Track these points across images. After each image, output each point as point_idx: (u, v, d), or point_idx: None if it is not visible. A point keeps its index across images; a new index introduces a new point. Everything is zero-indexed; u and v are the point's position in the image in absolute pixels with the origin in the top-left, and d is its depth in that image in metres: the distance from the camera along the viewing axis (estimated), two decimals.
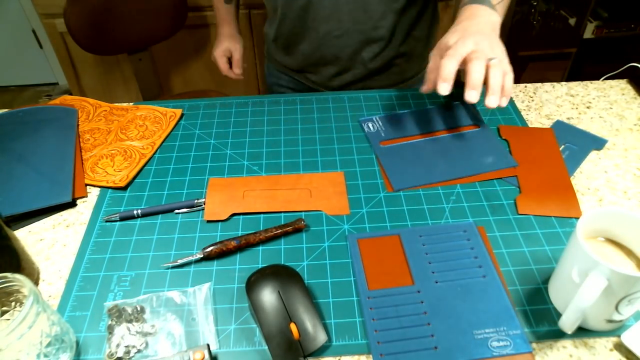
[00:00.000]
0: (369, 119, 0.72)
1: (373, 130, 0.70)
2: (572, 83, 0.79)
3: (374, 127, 0.70)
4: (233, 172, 0.65)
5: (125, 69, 1.70)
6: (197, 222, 0.58)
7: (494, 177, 0.62)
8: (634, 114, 0.72)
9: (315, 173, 0.64)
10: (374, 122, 0.71)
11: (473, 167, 0.64)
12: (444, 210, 0.58)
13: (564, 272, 0.46)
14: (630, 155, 0.65)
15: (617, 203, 0.59)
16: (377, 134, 0.69)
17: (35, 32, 2.11)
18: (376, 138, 0.69)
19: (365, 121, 0.71)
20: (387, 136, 0.69)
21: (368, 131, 0.70)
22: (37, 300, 0.40)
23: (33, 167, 0.65)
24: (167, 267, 0.53)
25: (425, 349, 0.45)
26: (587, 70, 1.86)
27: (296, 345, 0.45)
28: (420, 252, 0.53)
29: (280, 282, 0.48)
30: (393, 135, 0.69)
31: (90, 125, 0.72)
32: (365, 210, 0.59)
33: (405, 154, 0.66)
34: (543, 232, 0.56)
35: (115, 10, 1.32)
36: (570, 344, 0.46)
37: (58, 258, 0.55)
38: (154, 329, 0.48)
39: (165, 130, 0.71)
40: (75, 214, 0.60)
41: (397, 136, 0.69)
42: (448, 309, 0.48)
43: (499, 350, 0.45)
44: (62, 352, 0.44)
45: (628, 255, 0.46)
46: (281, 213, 0.59)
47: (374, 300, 0.49)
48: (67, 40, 1.60)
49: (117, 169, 0.65)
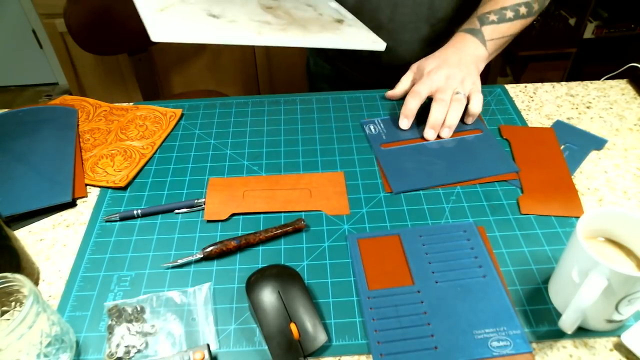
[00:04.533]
0: (371, 121, 0.72)
1: (374, 133, 0.70)
2: (572, 83, 0.79)
3: (375, 129, 0.70)
4: (233, 172, 0.65)
5: (125, 69, 1.70)
6: (197, 222, 0.58)
7: (494, 181, 0.62)
8: (634, 114, 0.72)
9: (315, 173, 0.64)
10: (375, 124, 0.71)
11: (474, 171, 0.63)
12: (444, 210, 0.58)
13: (564, 272, 0.46)
14: (630, 155, 0.65)
15: (617, 203, 0.59)
16: (378, 136, 0.69)
17: (35, 32, 2.11)
18: (377, 140, 0.68)
19: (366, 123, 0.71)
20: (388, 139, 0.68)
21: (369, 133, 0.69)
22: (37, 300, 0.40)
23: (33, 167, 0.65)
24: (167, 267, 0.53)
25: (425, 349, 0.45)
26: (587, 70, 1.86)
27: (296, 345, 0.45)
28: (420, 252, 0.53)
29: (280, 282, 0.48)
30: (394, 138, 0.69)
31: (90, 125, 0.72)
32: (365, 210, 0.59)
33: (406, 157, 0.66)
34: (543, 232, 0.56)
35: (115, 10, 1.31)
36: (570, 344, 0.46)
37: (58, 258, 0.55)
38: (154, 329, 0.48)
39: (165, 130, 0.71)
40: (75, 214, 0.60)
41: (398, 139, 0.69)
42: (448, 309, 0.48)
43: (499, 350, 0.45)
44: (62, 352, 0.44)
45: (628, 255, 0.46)
46: (281, 213, 0.59)
47: (374, 300, 0.49)
48: (67, 40, 1.60)
49: (117, 169, 0.65)
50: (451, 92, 0.67)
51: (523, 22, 0.74)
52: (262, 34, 0.69)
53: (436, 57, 0.71)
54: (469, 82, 0.69)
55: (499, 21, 0.72)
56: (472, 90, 0.69)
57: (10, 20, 2.07)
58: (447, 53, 0.72)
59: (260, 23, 0.73)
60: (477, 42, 0.72)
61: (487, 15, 0.73)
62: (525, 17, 0.73)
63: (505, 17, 0.72)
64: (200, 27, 0.67)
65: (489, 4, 0.74)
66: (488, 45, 0.72)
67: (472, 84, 0.69)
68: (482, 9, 0.74)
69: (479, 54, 0.71)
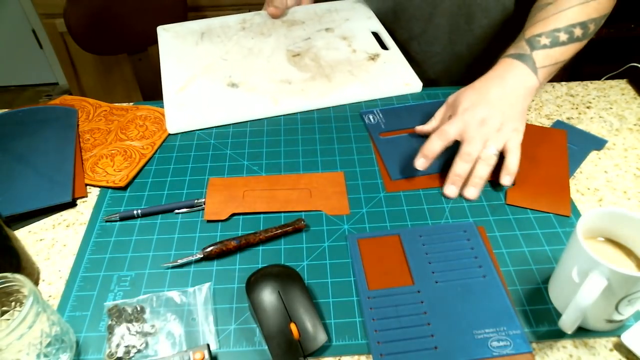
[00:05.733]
0: (370, 111, 0.73)
1: (373, 122, 0.71)
2: (572, 83, 0.79)
3: (375, 119, 0.71)
4: (233, 172, 0.65)
5: (125, 69, 1.70)
6: (197, 222, 0.58)
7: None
8: (634, 114, 0.72)
9: (315, 173, 0.64)
10: (374, 114, 0.72)
11: None
12: (444, 210, 0.58)
13: (564, 272, 0.46)
14: (630, 155, 0.65)
15: (617, 203, 0.59)
16: (377, 125, 0.70)
17: (35, 32, 2.11)
18: (376, 130, 0.70)
19: (365, 113, 0.72)
20: (387, 128, 0.70)
21: (368, 123, 0.71)
22: (37, 300, 0.40)
23: (33, 167, 0.65)
24: (167, 267, 0.53)
25: (425, 349, 0.45)
26: (587, 70, 1.86)
27: (296, 345, 0.45)
28: (420, 252, 0.53)
29: (280, 282, 0.48)
30: (393, 127, 0.70)
31: (90, 125, 0.72)
32: (365, 210, 0.59)
33: (404, 145, 0.67)
34: (543, 232, 0.56)
35: (115, 10, 1.31)
36: (570, 344, 0.46)
37: (58, 258, 0.55)
38: (154, 329, 0.48)
39: (165, 130, 0.71)
40: (75, 214, 0.60)
41: (396, 128, 0.70)
42: (448, 309, 0.48)
43: (499, 350, 0.45)
44: (62, 352, 0.44)
45: (628, 255, 0.46)
46: (281, 213, 0.59)
47: (374, 300, 0.49)
48: (67, 40, 1.60)
49: (117, 169, 0.65)
50: (481, 145, 0.58)
51: (577, 45, 0.64)
52: (278, 102, 0.71)
53: (475, 90, 0.61)
54: (509, 130, 0.59)
55: (551, 45, 0.62)
56: (510, 141, 0.59)
57: (10, 20, 2.07)
58: (489, 85, 0.61)
59: (281, 84, 0.74)
60: (527, 70, 0.61)
61: (537, 37, 0.62)
62: (580, 39, 0.64)
63: (558, 40, 0.62)
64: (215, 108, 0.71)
65: (539, 25, 0.63)
66: (539, 74, 0.61)
67: (512, 131, 0.59)
68: (530, 30, 0.64)
69: (528, 86, 0.61)
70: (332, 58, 0.78)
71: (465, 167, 0.58)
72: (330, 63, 0.77)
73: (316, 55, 0.78)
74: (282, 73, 0.76)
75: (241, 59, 0.79)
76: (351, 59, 0.78)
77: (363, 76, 0.76)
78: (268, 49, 0.80)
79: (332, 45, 0.81)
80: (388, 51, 0.80)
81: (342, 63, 0.77)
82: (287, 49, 0.80)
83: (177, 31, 0.86)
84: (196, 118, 0.70)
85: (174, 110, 0.71)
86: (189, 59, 0.80)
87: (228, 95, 0.73)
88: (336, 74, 0.76)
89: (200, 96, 0.73)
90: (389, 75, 0.76)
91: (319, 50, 0.79)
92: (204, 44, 0.82)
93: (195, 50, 0.81)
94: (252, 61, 0.78)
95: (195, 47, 0.82)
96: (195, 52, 0.81)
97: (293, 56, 0.78)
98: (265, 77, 0.75)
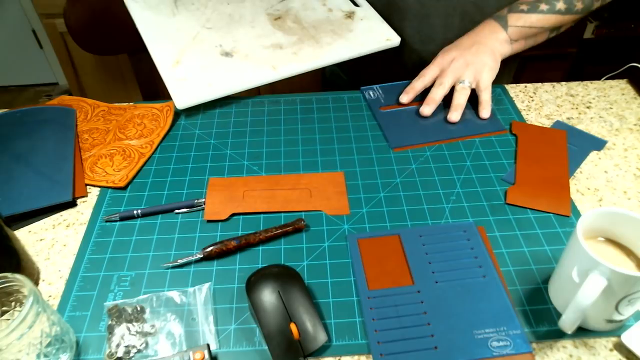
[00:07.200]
0: (370, 88, 0.77)
1: (373, 97, 0.75)
2: (572, 83, 0.79)
3: (375, 94, 0.76)
4: (233, 172, 0.65)
5: (125, 69, 1.70)
6: (197, 222, 0.58)
7: (486, 136, 0.68)
8: (634, 114, 0.72)
9: (315, 173, 0.64)
10: (374, 90, 0.77)
11: (466, 129, 0.69)
12: (444, 210, 0.58)
13: (564, 272, 0.46)
14: (630, 156, 0.65)
15: (617, 203, 0.59)
16: (377, 100, 0.75)
17: (35, 32, 2.11)
18: (376, 104, 0.74)
19: (365, 90, 0.77)
20: (386, 102, 0.74)
21: (369, 98, 0.75)
22: (37, 300, 0.40)
23: (32, 167, 0.65)
24: (167, 267, 0.53)
25: (425, 349, 0.45)
26: (587, 70, 1.86)
27: (296, 345, 0.45)
28: (420, 252, 0.53)
29: (280, 282, 0.48)
30: (392, 102, 0.74)
31: (89, 125, 0.72)
32: (365, 210, 0.59)
33: (403, 117, 0.72)
34: (543, 232, 0.56)
35: (115, 10, 1.31)
36: (570, 344, 0.46)
37: (58, 258, 0.55)
38: (154, 329, 0.48)
39: (163, 127, 0.71)
40: (75, 214, 0.60)
41: (395, 103, 0.74)
42: (448, 309, 0.48)
43: (499, 350, 0.45)
44: (62, 352, 0.44)
45: (628, 255, 0.46)
46: (281, 213, 0.59)
47: (374, 300, 0.49)
48: (67, 40, 1.60)
49: (116, 169, 0.65)
50: (452, 78, 0.68)
51: (559, 17, 0.71)
52: (276, 67, 0.72)
53: (452, 44, 0.72)
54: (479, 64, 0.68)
55: (528, 11, 0.70)
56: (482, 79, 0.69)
57: (10, 20, 2.07)
58: (463, 38, 0.72)
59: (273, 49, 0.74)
60: (498, 27, 0.70)
61: (518, 4, 0.72)
62: (563, 13, 0.71)
63: (537, 8, 0.70)
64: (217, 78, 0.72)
65: None
66: (510, 30, 0.70)
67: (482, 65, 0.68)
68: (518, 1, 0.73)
69: (499, 38, 0.70)
70: (313, 19, 0.80)
71: (439, 92, 0.69)
72: (312, 24, 0.79)
73: (296, 17, 0.79)
74: (270, 38, 0.77)
75: (225, 27, 0.78)
76: (330, 18, 0.80)
77: (346, 35, 0.78)
78: (248, 14, 0.80)
79: (309, 5, 0.82)
80: (361, 8, 0.82)
81: (324, 23, 0.79)
82: (267, 12, 0.81)
83: (146, 0, 0.84)
84: (202, 90, 0.71)
85: (177, 85, 0.71)
86: (170, 30, 0.78)
87: (226, 65, 0.73)
88: (321, 35, 0.77)
89: (198, 68, 0.73)
90: (369, 32, 0.78)
91: (298, 12, 0.81)
92: (181, 13, 0.81)
93: (174, 21, 0.80)
94: (237, 28, 0.78)
95: (173, 17, 0.80)
96: (174, 24, 0.79)
97: (275, 19, 0.79)
98: (255, 44, 0.76)
